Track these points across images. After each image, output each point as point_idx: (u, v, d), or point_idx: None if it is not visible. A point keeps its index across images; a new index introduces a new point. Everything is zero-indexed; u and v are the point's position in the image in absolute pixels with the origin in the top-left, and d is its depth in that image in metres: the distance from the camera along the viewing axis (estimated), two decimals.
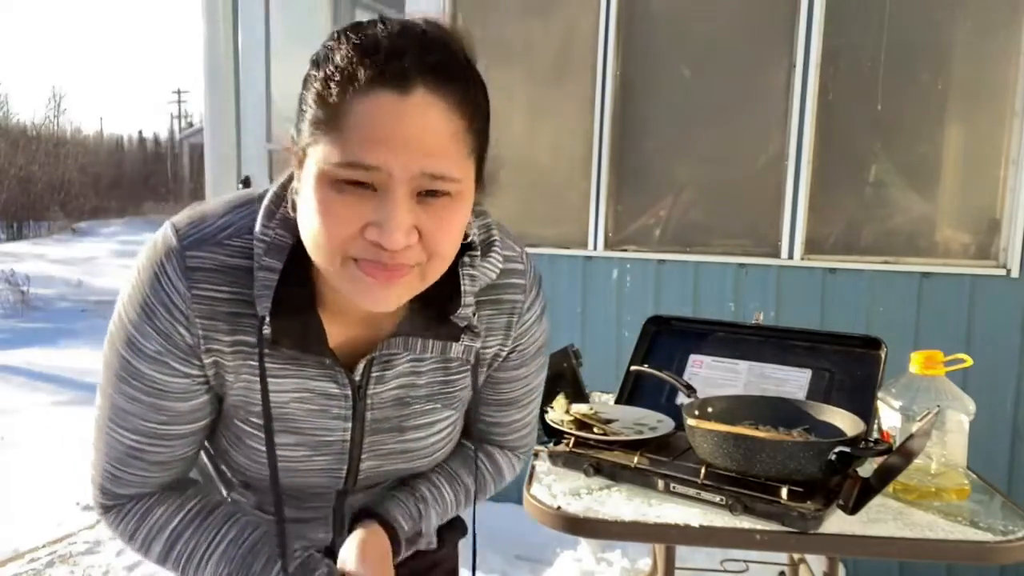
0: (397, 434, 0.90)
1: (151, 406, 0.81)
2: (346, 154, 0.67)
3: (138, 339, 0.78)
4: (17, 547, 3.18)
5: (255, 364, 0.80)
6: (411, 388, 0.89)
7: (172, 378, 0.80)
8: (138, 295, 0.78)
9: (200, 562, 0.86)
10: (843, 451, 1.13)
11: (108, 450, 0.84)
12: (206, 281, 0.77)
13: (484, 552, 2.98)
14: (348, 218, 0.69)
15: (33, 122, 26.80)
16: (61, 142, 26.39)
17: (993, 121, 2.79)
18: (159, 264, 0.77)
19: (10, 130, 24.27)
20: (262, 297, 0.76)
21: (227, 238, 0.78)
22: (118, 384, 0.81)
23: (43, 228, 20.91)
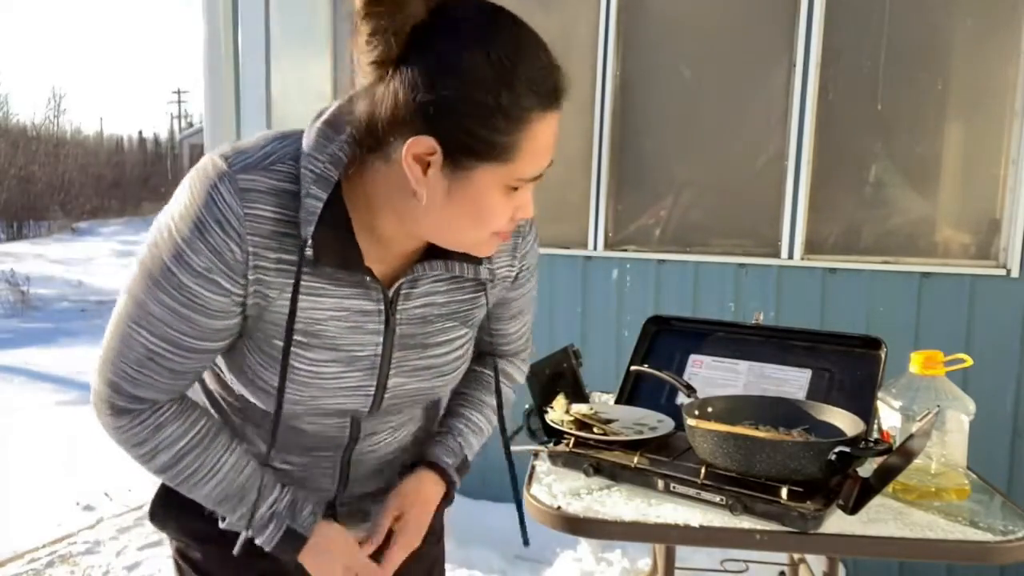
0: (421, 350, 0.98)
1: (184, 318, 0.85)
2: (528, 172, 0.83)
3: (188, 253, 0.83)
4: (17, 547, 3.18)
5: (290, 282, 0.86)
6: (433, 307, 0.97)
7: (213, 295, 0.84)
8: (191, 213, 0.83)
9: (199, 480, 0.94)
10: (843, 451, 1.13)
11: (127, 350, 0.87)
12: (257, 201, 0.83)
13: (484, 552, 2.98)
14: (507, 210, 0.86)
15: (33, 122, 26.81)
16: (61, 142, 26.40)
17: (993, 121, 2.79)
18: (212, 186, 0.83)
19: (10, 130, 24.28)
20: (308, 221, 0.83)
21: (271, 164, 0.85)
22: (154, 291, 0.85)
23: (43, 228, 20.91)
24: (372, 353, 0.94)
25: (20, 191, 21.00)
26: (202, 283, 0.83)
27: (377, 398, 0.97)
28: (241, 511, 0.96)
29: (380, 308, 0.93)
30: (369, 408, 0.98)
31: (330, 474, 1.04)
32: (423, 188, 0.81)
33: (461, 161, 0.80)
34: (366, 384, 0.96)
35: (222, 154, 0.85)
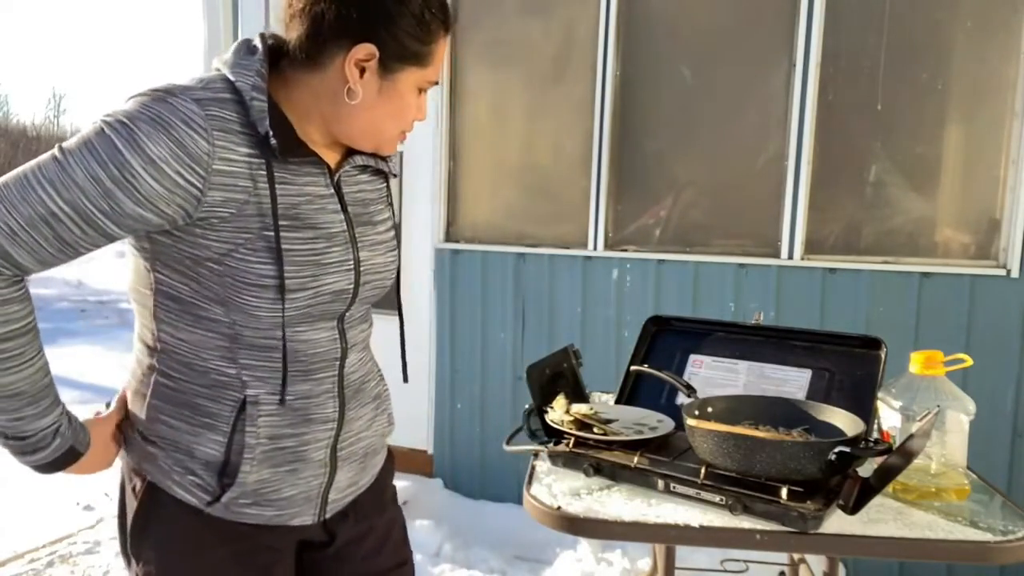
0: (371, 227, 1.13)
1: (106, 192, 0.89)
2: (434, 76, 1.05)
3: (144, 141, 0.89)
4: (17, 547, 3.18)
5: (263, 173, 0.97)
6: (365, 192, 1.14)
7: (154, 182, 0.90)
8: (149, 114, 0.90)
9: (10, 368, 0.94)
10: (843, 451, 1.13)
11: (22, 206, 0.88)
12: (212, 106, 0.94)
13: (484, 552, 2.98)
14: (418, 109, 1.07)
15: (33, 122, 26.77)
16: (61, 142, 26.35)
17: (993, 121, 2.79)
18: (166, 98, 0.92)
19: (10, 130, 24.26)
20: (260, 119, 0.96)
21: (207, 85, 0.97)
22: (86, 160, 0.89)
23: None
24: (342, 229, 1.07)
25: None
26: (151, 170, 0.90)
27: (356, 274, 1.08)
28: (29, 412, 0.97)
29: (332, 192, 1.06)
30: (353, 283, 1.07)
31: (331, 398, 1.10)
32: (359, 88, 1.00)
33: (391, 65, 1.00)
34: (346, 259, 1.07)
35: (154, 88, 0.94)
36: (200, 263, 0.97)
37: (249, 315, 0.99)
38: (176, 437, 1.03)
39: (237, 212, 0.96)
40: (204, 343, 1.01)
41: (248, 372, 1.02)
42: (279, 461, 1.05)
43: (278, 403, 1.03)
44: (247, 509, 1.04)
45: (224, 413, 1.02)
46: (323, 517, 1.13)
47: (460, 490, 3.49)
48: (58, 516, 3.52)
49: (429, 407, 3.54)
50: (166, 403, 1.04)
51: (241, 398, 1.02)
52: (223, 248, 0.96)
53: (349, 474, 1.14)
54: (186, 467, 1.03)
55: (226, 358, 1.02)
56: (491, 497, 3.42)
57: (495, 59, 3.39)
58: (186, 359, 1.02)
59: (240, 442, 1.02)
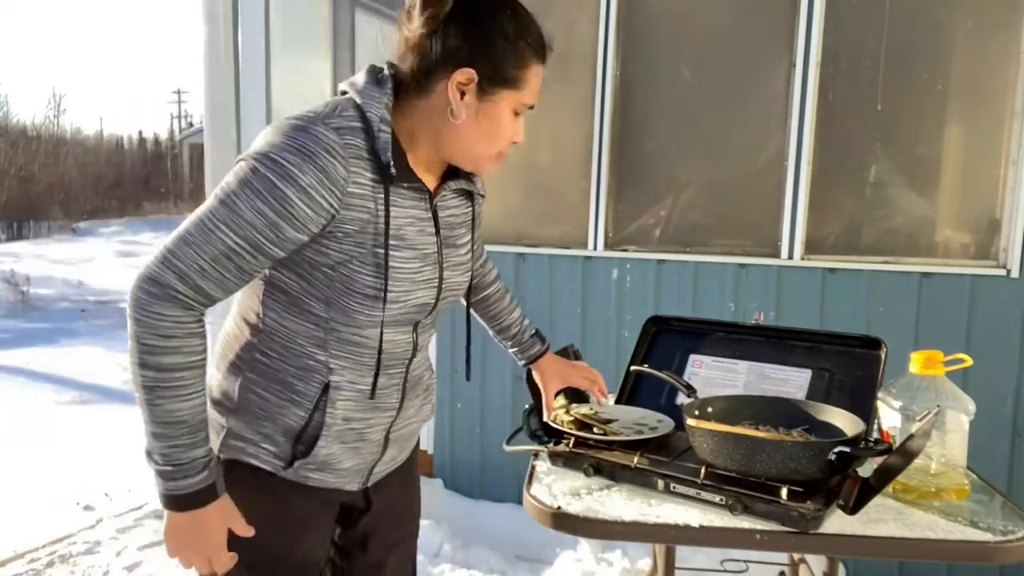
0: (455, 249, 1.27)
1: (271, 223, 1.04)
2: (528, 99, 1.17)
3: (294, 171, 1.03)
4: (17, 547, 3.18)
5: (383, 196, 1.11)
6: (455, 216, 1.28)
7: (306, 207, 1.04)
8: (295, 145, 1.04)
9: (178, 396, 1.04)
10: (843, 451, 1.14)
11: (207, 246, 1.03)
12: (347, 135, 1.08)
13: (484, 552, 2.98)
14: (514, 133, 1.19)
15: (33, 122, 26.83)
16: (61, 142, 26.38)
17: (993, 121, 2.79)
18: (309, 129, 1.06)
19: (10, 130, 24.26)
20: (385, 148, 1.10)
21: (341, 112, 1.10)
22: (250, 198, 1.03)
23: (43, 228, 20.91)
24: (434, 250, 1.21)
25: (20, 191, 21.00)
26: (303, 197, 1.04)
27: (439, 289, 1.23)
28: (184, 441, 1.05)
29: (430, 215, 1.20)
30: (435, 299, 1.22)
31: (397, 391, 1.25)
32: (461, 109, 1.12)
33: (488, 89, 1.12)
34: (434, 277, 1.21)
35: (297, 116, 1.08)
36: (317, 267, 1.11)
37: (348, 316, 1.14)
38: (264, 407, 1.17)
39: (359, 229, 1.10)
40: (302, 332, 1.16)
41: (335, 361, 1.17)
42: (347, 439, 1.21)
43: (360, 392, 1.20)
44: (311, 474, 1.20)
45: (310, 393, 1.17)
46: (366, 485, 1.30)
47: (460, 490, 3.49)
48: (58, 516, 3.52)
49: None
50: (260, 377, 1.18)
51: (326, 382, 1.17)
52: (340, 258, 1.10)
53: (393, 452, 1.31)
54: (266, 434, 1.17)
55: (319, 347, 1.16)
56: (491, 497, 3.42)
57: None
58: (284, 342, 1.17)
59: (319, 420, 1.17)
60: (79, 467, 4.15)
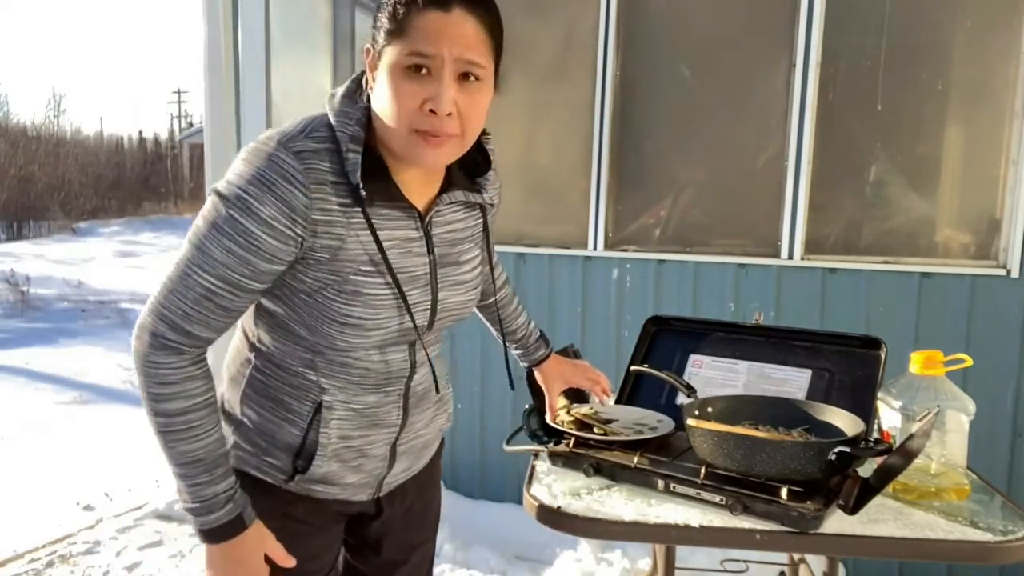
0: (455, 268, 1.21)
1: (243, 260, 1.02)
2: (411, 47, 1.01)
3: (254, 204, 1.01)
4: (17, 547, 3.18)
5: (361, 219, 1.06)
6: (456, 231, 1.21)
7: (272, 239, 1.02)
8: (254, 174, 1.01)
9: (190, 437, 1.06)
10: (843, 451, 1.14)
11: (187, 291, 1.03)
12: (311, 159, 1.03)
13: (484, 552, 2.98)
14: (414, 94, 1.02)
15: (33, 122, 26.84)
16: (61, 142, 26.37)
17: (993, 121, 2.79)
18: (270, 154, 1.02)
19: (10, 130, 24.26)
20: (353, 171, 1.04)
21: (310, 133, 1.05)
22: (218, 238, 1.01)
23: (43, 228, 20.89)
24: (424, 272, 1.15)
25: (20, 191, 20.99)
26: (265, 229, 1.01)
27: (432, 312, 1.17)
28: (202, 479, 1.07)
29: (421, 235, 1.14)
30: (427, 321, 1.17)
31: (396, 408, 1.21)
32: (371, 81, 1.06)
33: (378, 51, 1.04)
34: (424, 300, 1.15)
35: (268, 137, 1.05)
36: (295, 293, 1.09)
37: (330, 342, 1.11)
38: (262, 423, 1.17)
39: (331, 257, 1.06)
40: (292, 353, 1.15)
41: (327, 380, 1.15)
42: (346, 457, 1.18)
43: (354, 411, 1.17)
44: (315, 487, 1.19)
45: (303, 411, 1.15)
46: (377, 495, 1.28)
47: (460, 490, 3.49)
48: (58, 516, 3.52)
49: None
50: (256, 393, 1.18)
51: (318, 401, 1.15)
52: (316, 285, 1.07)
53: (405, 464, 1.28)
54: (266, 449, 1.17)
55: (309, 367, 1.14)
56: (491, 497, 3.42)
57: None
58: (277, 361, 1.16)
59: (314, 438, 1.15)
60: (79, 467, 4.15)
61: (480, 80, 1.05)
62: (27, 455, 4.40)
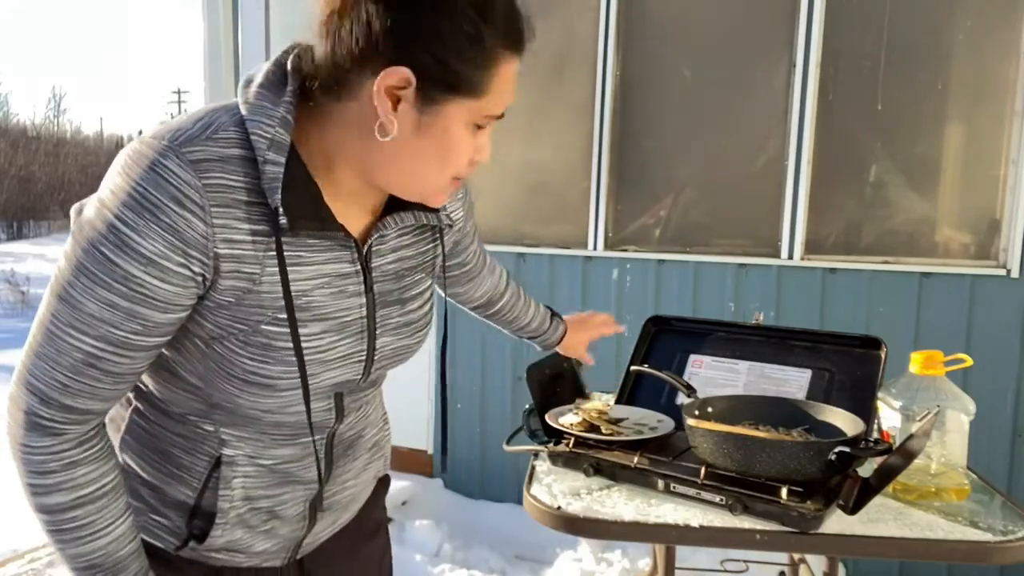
0: (399, 307, 0.96)
1: (128, 313, 0.77)
2: (492, 108, 0.82)
3: (134, 240, 0.74)
4: (17, 547, 3.18)
5: (273, 253, 0.81)
6: (403, 261, 0.96)
7: (163, 283, 0.76)
8: (135, 196, 0.74)
9: (82, 537, 0.84)
10: (843, 451, 1.13)
11: (60, 357, 0.78)
12: (212, 171, 0.76)
13: (484, 552, 2.98)
14: (470, 148, 0.83)
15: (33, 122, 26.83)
16: (61, 142, 26.41)
17: (993, 121, 2.79)
18: (155, 163, 0.75)
19: (10, 130, 24.30)
20: (272, 189, 0.78)
21: (214, 133, 0.78)
22: (91, 288, 0.76)
23: (43, 228, 20.91)
24: (358, 316, 0.90)
25: (20, 191, 21.00)
26: (152, 271, 0.75)
27: (368, 363, 0.93)
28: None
29: (357, 268, 0.89)
30: (361, 375, 0.94)
31: (319, 459, 0.98)
32: (393, 122, 0.78)
33: (433, 94, 0.78)
34: (358, 350, 0.91)
35: (153, 135, 0.77)
36: (188, 336, 0.84)
37: (228, 398, 0.86)
38: (143, 476, 0.94)
39: (236, 301, 0.81)
40: (180, 401, 0.90)
41: (228, 431, 0.91)
42: (254, 522, 0.95)
43: (263, 468, 0.93)
44: (216, 554, 0.96)
45: (197, 467, 0.91)
46: (295, 558, 1.04)
47: (460, 490, 3.49)
48: None
49: (429, 407, 3.54)
50: (137, 443, 0.94)
51: (217, 455, 0.91)
52: (214, 332, 0.82)
53: (328, 521, 1.05)
54: (152, 505, 0.94)
55: (204, 417, 0.90)
56: (491, 497, 3.42)
57: None
58: (163, 407, 0.92)
59: (212, 500, 0.92)
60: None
61: None
62: None
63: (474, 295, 1.37)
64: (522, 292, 1.46)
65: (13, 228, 20.21)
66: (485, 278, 1.35)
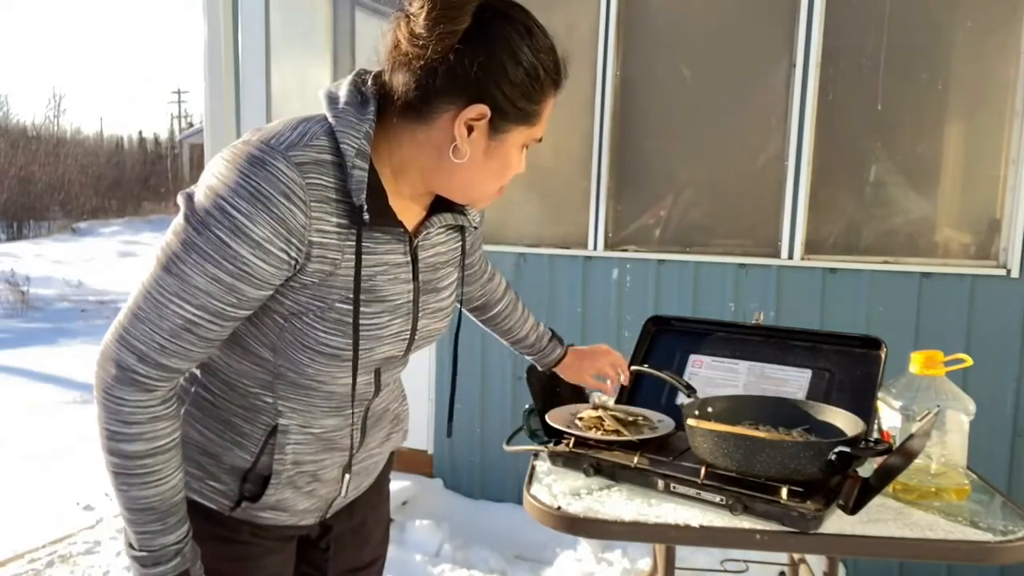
0: (435, 295, 1.12)
1: (229, 288, 0.90)
2: (536, 135, 1.01)
3: (247, 225, 0.88)
4: (17, 547, 3.18)
5: (353, 243, 0.97)
6: (440, 255, 1.13)
7: (265, 264, 0.90)
8: (249, 189, 0.88)
9: (146, 483, 0.95)
10: (843, 451, 1.14)
11: (162, 322, 0.90)
12: (311, 172, 0.91)
13: (484, 552, 2.98)
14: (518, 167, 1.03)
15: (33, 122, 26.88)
16: (61, 142, 26.41)
17: (993, 121, 2.79)
18: (267, 163, 0.89)
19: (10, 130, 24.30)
20: (359, 190, 0.93)
21: (309, 141, 0.93)
22: (201, 264, 0.88)
23: (43, 228, 20.91)
24: (407, 300, 1.06)
25: (20, 191, 21.00)
26: (259, 253, 0.89)
27: (411, 340, 1.10)
28: (155, 528, 0.96)
29: (408, 260, 1.05)
30: (404, 351, 1.10)
31: (355, 431, 1.13)
32: (467, 147, 0.95)
33: (501, 126, 0.96)
34: (405, 329, 1.07)
35: (261, 139, 0.92)
36: (266, 313, 0.98)
37: (297, 368, 1.01)
38: (206, 444, 1.07)
39: (319, 282, 0.96)
40: (248, 373, 1.04)
41: (284, 403, 1.05)
42: (300, 483, 1.10)
43: (312, 435, 1.08)
44: (263, 513, 1.10)
45: (256, 435, 1.06)
46: (325, 518, 1.20)
47: (460, 490, 3.49)
48: (58, 516, 3.52)
49: (429, 407, 3.54)
50: (202, 413, 1.07)
51: (273, 424, 1.06)
52: (294, 308, 0.97)
53: (355, 484, 1.21)
54: (210, 471, 1.07)
55: (266, 388, 1.05)
56: (491, 497, 3.42)
57: None
58: (228, 380, 1.06)
59: (267, 463, 1.07)
60: (79, 467, 4.15)
61: None
62: (27, 455, 4.40)
63: (474, 295, 1.47)
64: (521, 304, 1.54)
65: (13, 228, 20.20)
66: (486, 282, 1.46)
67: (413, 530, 3.06)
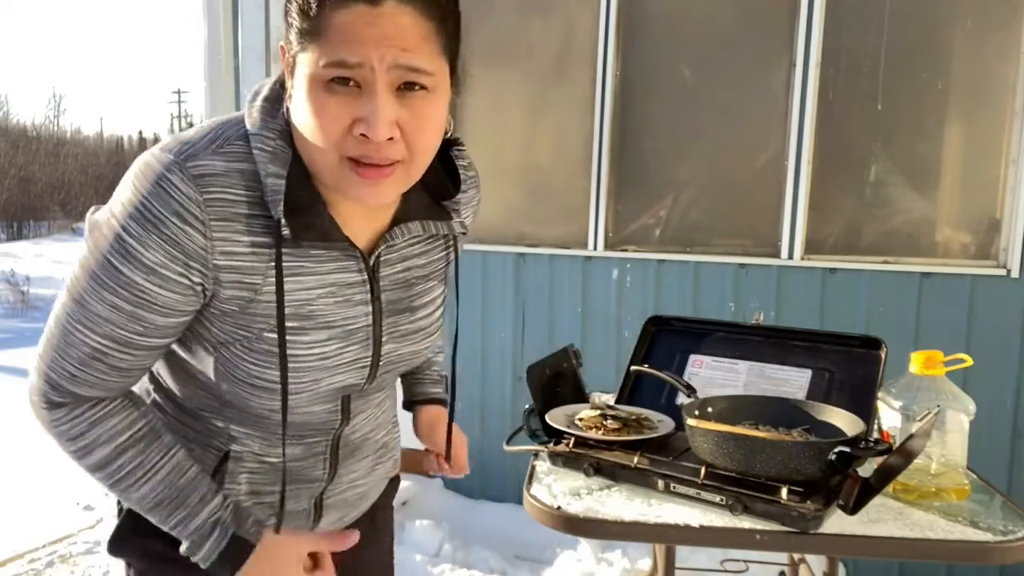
0: (409, 314, 0.98)
1: (131, 315, 0.82)
2: (330, 55, 0.76)
3: (137, 249, 0.79)
4: (17, 547, 3.18)
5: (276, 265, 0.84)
6: (414, 269, 0.98)
7: (164, 290, 0.81)
8: (140, 209, 0.79)
9: (137, 481, 0.89)
10: (843, 451, 1.13)
11: (70, 350, 0.84)
12: (214, 185, 0.80)
13: (484, 552, 2.98)
14: (338, 115, 0.78)
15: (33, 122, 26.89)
16: (61, 142, 26.44)
17: (993, 121, 2.79)
18: (160, 177, 0.79)
19: (10, 130, 24.31)
20: (275, 201, 0.81)
21: (220, 147, 0.82)
22: (99, 291, 0.82)
23: (43, 228, 20.92)
24: (364, 324, 0.93)
25: (20, 191, 21.02)
26: (153, 279, 0.80)
27: (373, 368, 0.97)
28: (179, 516, 0.90)
29: (363, 278, 0.92)
30: (366, 380, 0.97)
31: (322, 461, 1.03)
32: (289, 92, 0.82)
33: (294, 55, 0.80)
34: (363, 356, 0.95)
35: (164, 147, 0.82)
36: (198, 339, 0.89)
37: (240, 400, 0.91)
38: None
39: (240, 310, 0.85)
40: (194, 397, 0.96)
41: (237, 428, 0.96)
42: (258, 516, 0.97)
43: (269, 465, 0.99)
44: None
45: (207, 460, 0.97)
46: None
47: (460, 490, 3.49)
48: (58, 516, 3.52)
49: None
50: None
51: (225, 451, 0.97)
52: (221, 338, 0.87)
53: (336, 516, 1.10)
54: None
55: (215, 413, 0.96)
56: (491, 497, 3.42)
57: (495, 59, 3.39)
58: (179, 402, 0.99)
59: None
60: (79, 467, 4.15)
61: (428, 89, 0.80)
62: (27, 455, 4.40)
63: None
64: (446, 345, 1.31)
65: (13, 228, 20.22)
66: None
67: (413, 530, 3.07)
